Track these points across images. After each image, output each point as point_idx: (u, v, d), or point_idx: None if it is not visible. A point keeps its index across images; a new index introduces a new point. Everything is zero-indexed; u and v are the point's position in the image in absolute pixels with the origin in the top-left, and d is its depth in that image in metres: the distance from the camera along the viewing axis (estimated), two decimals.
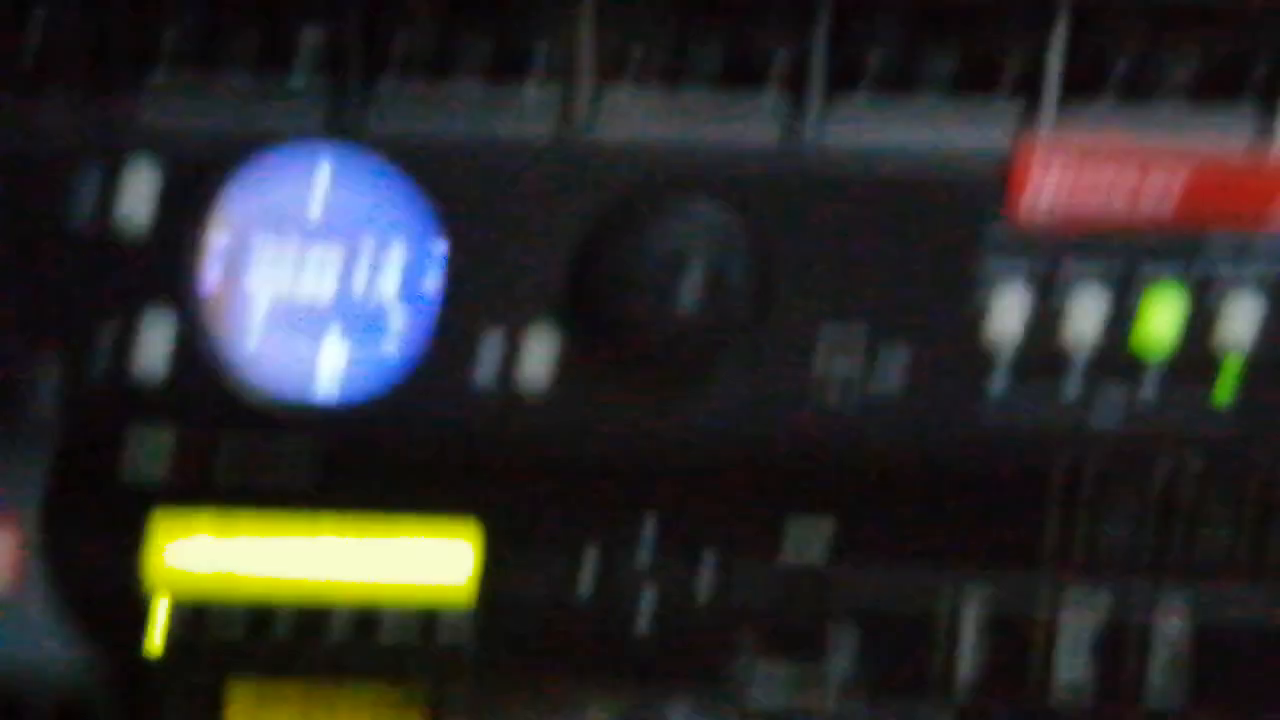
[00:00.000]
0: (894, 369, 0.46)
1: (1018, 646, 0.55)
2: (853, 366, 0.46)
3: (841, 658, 0.55)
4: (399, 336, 0.47)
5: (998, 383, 0.46)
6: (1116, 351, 0.45)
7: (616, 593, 0.55)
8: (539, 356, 0.46)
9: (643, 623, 0.55)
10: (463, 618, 0.55)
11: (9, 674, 0.56)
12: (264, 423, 0.47)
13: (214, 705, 0.58)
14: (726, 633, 0.56)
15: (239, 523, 0.55)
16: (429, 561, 0.55)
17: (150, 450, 0.54)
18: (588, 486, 0.54)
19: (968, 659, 0.55)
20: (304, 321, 0.47)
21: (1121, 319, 0.45)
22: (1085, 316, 0.45)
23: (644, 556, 0.55)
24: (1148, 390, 0.46)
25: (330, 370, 0.47)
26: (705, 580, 0.55)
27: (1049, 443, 0.47)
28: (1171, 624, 0.55)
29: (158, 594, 0.55)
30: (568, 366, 0.46)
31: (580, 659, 0.56)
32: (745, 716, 0.57)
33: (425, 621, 0.55)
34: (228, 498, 0.54)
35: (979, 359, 0.46)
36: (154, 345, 0.46)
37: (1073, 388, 0.46)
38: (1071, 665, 0.55)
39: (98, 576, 0.55)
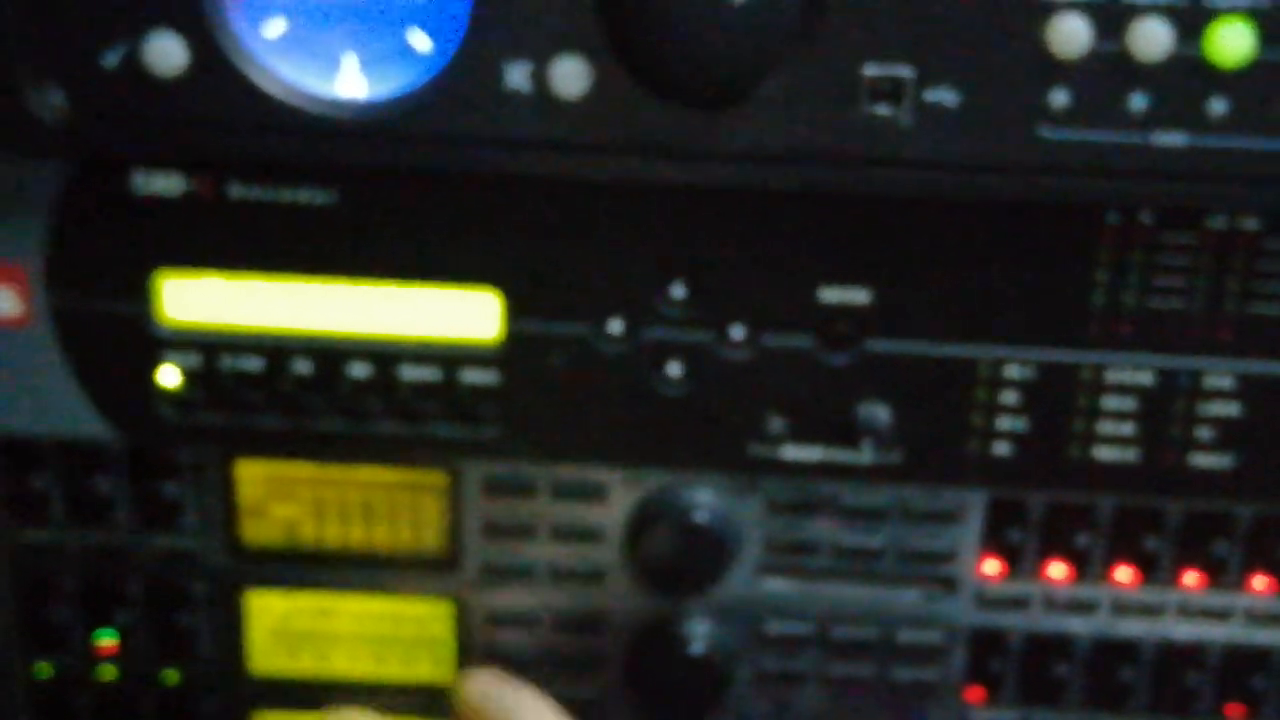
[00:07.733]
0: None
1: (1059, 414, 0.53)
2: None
3: (873, 439, 0.53)
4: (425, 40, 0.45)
5: (1059, 97, 0.44)
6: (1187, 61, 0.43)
7: (641, 359, 0.53)
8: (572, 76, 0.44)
9: (667, 392, 0.53)
10: (487, 369, 0.53)
11: (15, 412, 0.55)
12: (285, 127, 0.45)
13: (224, 484, 0.56)
14: (754, 413, 0.53)
15: (249, 272, 0.52)
16: (454, 314, 0.53)
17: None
18: (613, 247, 0.51)
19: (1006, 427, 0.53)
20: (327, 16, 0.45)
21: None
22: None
23: (670, 325, 0.52)
24: (1217, 108, 0.44)
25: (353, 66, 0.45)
26: (732, 355, 0.53)
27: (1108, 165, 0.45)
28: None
29: (166, 347, 0.53)
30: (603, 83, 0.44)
31: (605, 421, 0.54)
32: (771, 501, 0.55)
33: (449, 369, 0.53)
34: (236, 256, 0.52)
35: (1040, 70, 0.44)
36: (168, 47, 0.44)
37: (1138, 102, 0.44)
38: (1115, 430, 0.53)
39: (104, 330, 0.53)
